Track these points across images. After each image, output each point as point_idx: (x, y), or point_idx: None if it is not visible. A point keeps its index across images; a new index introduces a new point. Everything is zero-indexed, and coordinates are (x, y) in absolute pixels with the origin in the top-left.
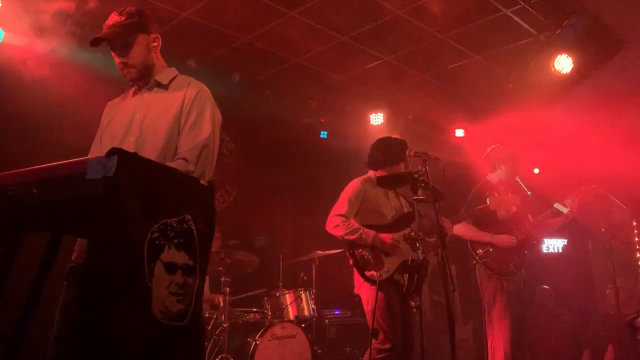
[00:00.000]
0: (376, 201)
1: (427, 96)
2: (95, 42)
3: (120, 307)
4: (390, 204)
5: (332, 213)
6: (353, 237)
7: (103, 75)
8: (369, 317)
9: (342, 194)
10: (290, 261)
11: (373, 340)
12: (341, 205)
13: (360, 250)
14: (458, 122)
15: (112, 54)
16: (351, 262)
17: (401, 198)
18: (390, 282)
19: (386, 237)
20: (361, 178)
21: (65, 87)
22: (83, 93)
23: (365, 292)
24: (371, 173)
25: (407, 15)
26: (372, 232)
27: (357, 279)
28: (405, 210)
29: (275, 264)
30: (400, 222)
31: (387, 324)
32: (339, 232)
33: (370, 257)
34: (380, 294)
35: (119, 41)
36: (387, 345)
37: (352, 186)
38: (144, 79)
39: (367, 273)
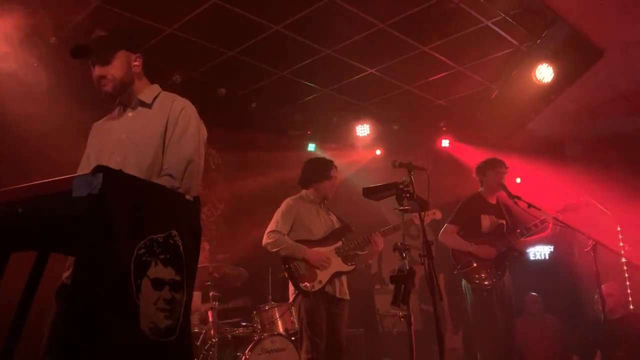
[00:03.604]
0: (308, 218)
1: (412, 107)
2: (75, 52)
3: (108, 324)
4: (321, 221)
5: (267, 230)
6: (286, 252)
7: (87, 95)
8: (299, 327)
9: (276, 212)
10: (279, 274)
11: (302, 350)
12: (275, 222)
13: (295, 264)
14: (443, 132)
15: (91, 67)
16: (286, 275)
17: (332, 214)
18: (321, 294)
19: (318, 251)
20: (293, 197)
21: (49, 105)
22: (68, 111)
23: (297, 302)
24: (303, 192)
25: (390, 28)
26: (304, 247)
27: (292, 290)
28: (336, 225)
29: (264, 277)
30: (331, 237)
31: (313, 333)
32: (273, 248)
33: (304, 270)
34: (310, 305)
35: (99, 54)
36: (309, 356)
37: (285, 204)
38: (119, 95)
39: (301, 284)
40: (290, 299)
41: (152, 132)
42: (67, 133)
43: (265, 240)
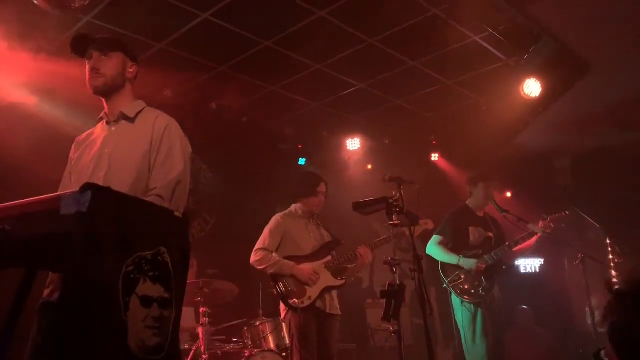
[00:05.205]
0: (297, 234)
1: (402, 121)
2: (76, 41)
3: (96, 342)
4: (311, 235)
5: (255, 247)
6: (273, 270)
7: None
8: (290, 343)
9: (265, 229)
10: (270, 289)
11: None
12: (263, 239)
13: (284, 281)
14: (433, 146)
15: (87, 62)
16: (275, 293)
17: (322, 229)
18: (311, 309)
19: (306, 267)
20: (282, 213)
21: (36, 122)
22: (54, 128)
23: (287, 318)
24: (292, 207)
25: (379, 44)
26: (291, 264)
27: (282, 307)
28: (327, 239)
29: (255, 292)
30: (321, 251)
31: (303, 349)
32: (260, 266)
33: (292, 286)
34: (300, 321)
35: (99, 44)
36: None
37: (273, 221)
38: (106, 95)
39: (291, 301)
40: (282, 315)
41: (135, 147)
42: (52, 149)
43: (252, 258)
